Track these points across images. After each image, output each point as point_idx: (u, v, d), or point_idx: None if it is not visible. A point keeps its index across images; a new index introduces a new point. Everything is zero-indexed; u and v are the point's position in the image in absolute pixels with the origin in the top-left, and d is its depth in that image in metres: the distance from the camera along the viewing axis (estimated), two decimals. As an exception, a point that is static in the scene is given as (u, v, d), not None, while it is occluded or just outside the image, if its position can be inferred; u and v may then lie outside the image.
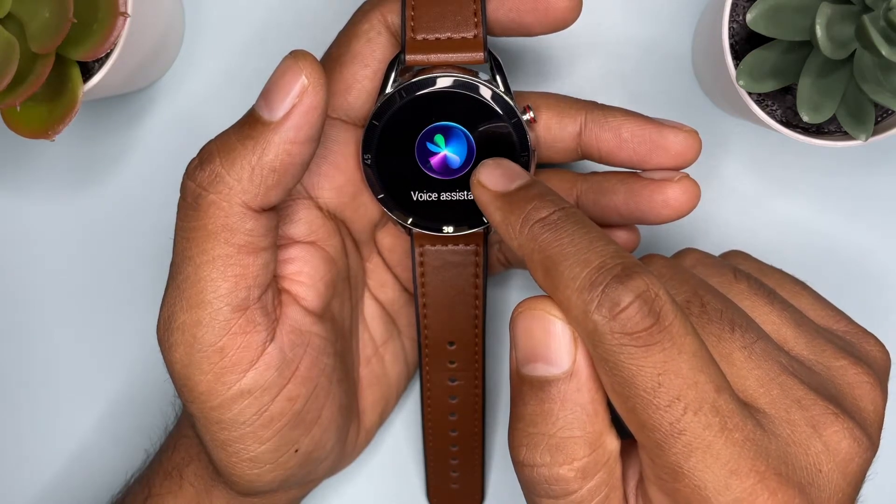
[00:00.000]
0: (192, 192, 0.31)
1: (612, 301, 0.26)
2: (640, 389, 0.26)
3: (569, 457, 0.27)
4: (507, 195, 0.30)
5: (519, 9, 0.33)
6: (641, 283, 0.26)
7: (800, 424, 0.27)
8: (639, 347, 0.26)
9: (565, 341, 0.27)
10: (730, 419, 0.26)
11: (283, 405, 0.33)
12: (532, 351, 0.27)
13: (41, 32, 0.34)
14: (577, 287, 0.26)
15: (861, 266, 0.42)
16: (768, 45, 0.35)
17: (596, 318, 0.26)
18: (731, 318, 0.29)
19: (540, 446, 0.27)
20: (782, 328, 0.30)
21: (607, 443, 0.28)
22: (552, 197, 0.29)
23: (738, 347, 0.28)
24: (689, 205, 0.34)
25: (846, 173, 0.42)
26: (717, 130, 0.42)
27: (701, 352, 0.26)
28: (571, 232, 0.27)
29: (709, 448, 0.26)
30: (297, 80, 0.30)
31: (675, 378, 0.26)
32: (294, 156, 0.31)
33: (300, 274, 0.34)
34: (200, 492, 0.37)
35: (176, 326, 0.31)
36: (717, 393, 0.26)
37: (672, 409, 0.26)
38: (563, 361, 0.27)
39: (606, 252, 0.26)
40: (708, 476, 0.26)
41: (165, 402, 0.43)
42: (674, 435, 0.26)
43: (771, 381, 0.28)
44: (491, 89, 0.33)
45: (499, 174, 0.30)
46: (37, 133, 0.35)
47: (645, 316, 0.25)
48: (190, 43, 0.43)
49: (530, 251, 0.28)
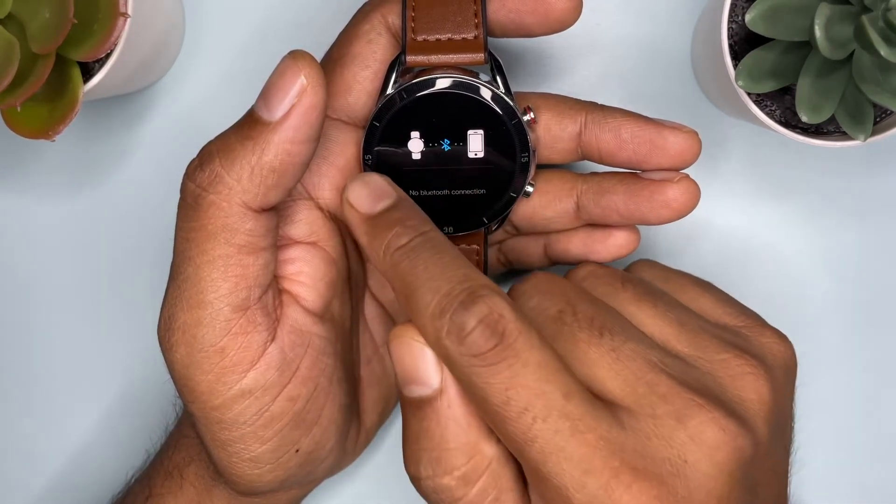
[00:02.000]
0: (192, 193, 0.31)
1: (458, 326, 0.28)
2: (493, 404, 0.28)
3: (449, 467, 0.29)
4: (373, 219, 0.31)
5: (519, 10, 0.33)
6: (484, 307, 0.27)
7: (663, 418, 0.28)
8: (486, 367, 0.27)
9: (431, 363, 0.29)
10: (581, 421, 0.27)
11: (284, 405, 0.33)
12: (405, 374, 0.29)
13: (41, 33, 0.34)
14: (430, 315, 0.28)
15: (861, 266, 0.43)
16: (767, 46, 0.36)
17: (446, 343, 0.28)
18: (601, 323, 0.30)
19: (423, 461, 0.30)
20: (665, 328, 0.31)
21: (485, 450, 0.29)
22: (413, 221, 0.30)
23: (606, 351, 0.29)
24: (689, 205, 0.34)
25: (845, 173, 0.42)
26: (717, 131, 0.42)
27: (548, 363, 0.28)
28: (426, 258, 0.29)
29: (561, 451, 0.27)
30: (295, 81, 0.30)
31: (521, 391, 0.27)
32: (293, 155, 0.31)
33: (301, 274, 0.34)
34: (201, 491, 0.37)
35: (177, 326, 0.31)
36: (566, 399, 0.28)
37: (522, 420, 0.27)
38: (432, 381, 0.29)
39: (455, 277, 0.28)
40: (565, 477, 0.27)
41: (166, 402, 0.43)
42: (527, 443, 0.27)
43: (637, 380, 0.29)
44: (491, 90, 0.33)
45: (365, 194, 0.32)
46: (37, 133, 0.36)
47: (488, 338, 0.27)
48: (190, 43, 0.43)
49: (392, 278, 0.30)
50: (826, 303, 0.43)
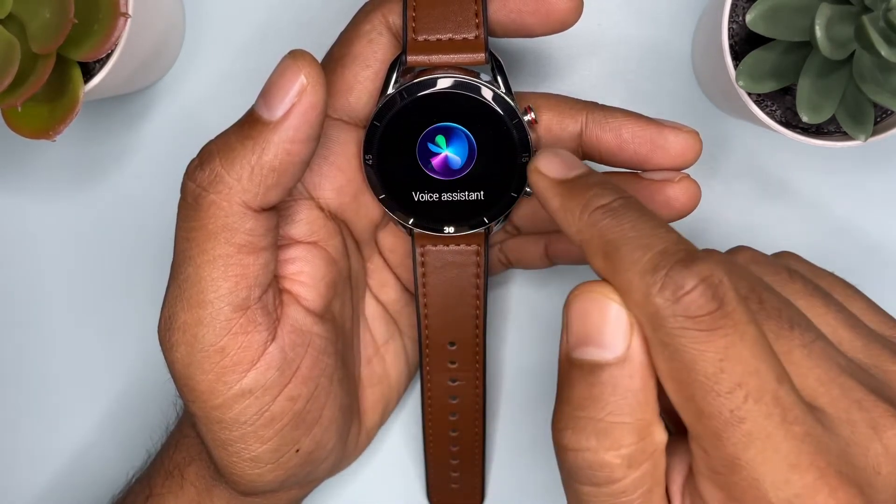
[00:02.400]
0: (193, 193, 0.31)
1: (675, 284, 0.25)
2: (701, 375, 0.25)
3: (616, 443, 0.26)
4: (567, 182, 0.29)
5: (520, 10, 0.33)
6: (705, 268, 0.25)
7: (860, 425, 0.27)
8: (701, 332, 0.25)
9: (621, 325, 0.26)
10: (790, 411, 0.25)
11: (284, 405, 0.33)
12: (585, 334, 0.27)
13: (42, 33, 0.34)
14: (640, 270, 0.26)
15: (861, 266, 0.43)
16: (768, 46, 0.36)
17: (658, 300, 0.25)
18: (789, 316, 0.28)
19: (586, 430, 0.26)
20: (838, 330, 0.30)
21: (655, 434, 0.27)
22: (612, 185, 0.28)
23: (797, 346, 0.27)
24: (689, 205, 0.34)
25: (845, 173, 0.42)
26: (717, 131, 0.42)
27: (763, 341, 0.26)
28: (633, 218, 0.27)
29: (769, 439, 0.25)
30: (295, 80, 0.30)
31: (736, 365, 0.25)
32: (293, 155, 0.31)
33: (301, 274, 0.34)
34: (201, 491, 0.37)
35: (177, 326, 0.31)
36: (779, 383, 0.25)
37: (733, 396, 0.25)
38: (617, 346, 0.26)
39: (669, 238, 0.26)
40: (767, 468, 0.25)
41: (167, 401, 0.43)
42: (733, 423, 0.25)
43: (831, 381, 0.27)
44: (492, 90, 0.33)
45: (558, 162, 0.30)
46: (38, 133, 0.36)
47: (709, 300, 0.25)
48: (190, 43, 0.43)
49: (590, 236, 0.27)
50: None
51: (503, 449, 0.44)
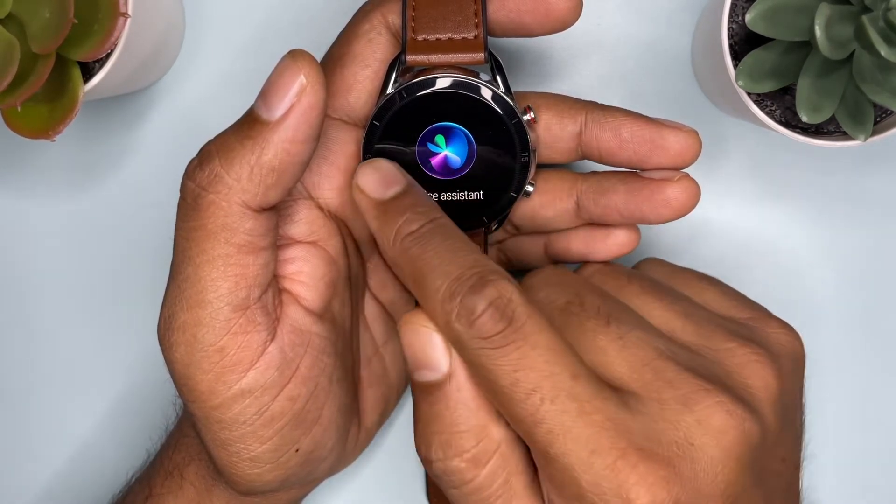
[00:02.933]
0: (192, 193, 0.31)
1: (467, 310, 0.28)
2: (502, 386, 0.28)
3: (459, 449, 0.29)
4: (383, 204, 0.31)
5: (519, 10, 0.33)
6: (493, 291, 0.28)
7: (670, 402, 0.29)
8: (494, 349, 0.28)
9: (440, 348, 0.29)
10: (588, 403, 0.28)
11: (284, 405, 0.33)
12: (415, 359, 0.30)
13: (42, 33, 0.34)
14: (440, 298, 0.29)
15: (860, 266, 0.43)
16: (767, 46, 0.36)
17: (456, 326, 0.28)
18: (607, 312, 0.31)
19: (434, 443, 0.30)
20: (671, 320, 0.32)
21: (493, 433, 0.29)
22: (423, 208, 0.31)
23: (613, 338, 0.30)
24: (689, 204, 0.34)
25: (845, 173, 0.42)
26: (717, 130, 0.42)
27: (556, 346, 0.28)
28: (436, 244, 0.30)
29: (569, 432, 0.28)
30: (295, 80, 0.30)
31: (530, 372, 0.28)
32: (293, 155, 0.31)
33: (301, 274, 0.34)
34: (201, 491, 0.37)
35: (176, 326, 0.31)
36: (574, 380, 0.28)
37: (530, 401, 0.28)
38: (441, 366, 0.29)
39: (465, 263, 0.29)
40: (573, 458, 0.28)
41: (166, 401, 0.43)
42: (535, 424, 0.28)
43: (644, 367, 0.30)
44: (491, 90, 0.33)
45: (376, 179, 0.32)
46: (37, 133, 0.36)
47: (497, 321, 0.28)
48: (190, 43, 0.43)
49: (402, 264, 0.30)
50: (826, 302, 0.43)
51: (503, 449, 0.44)
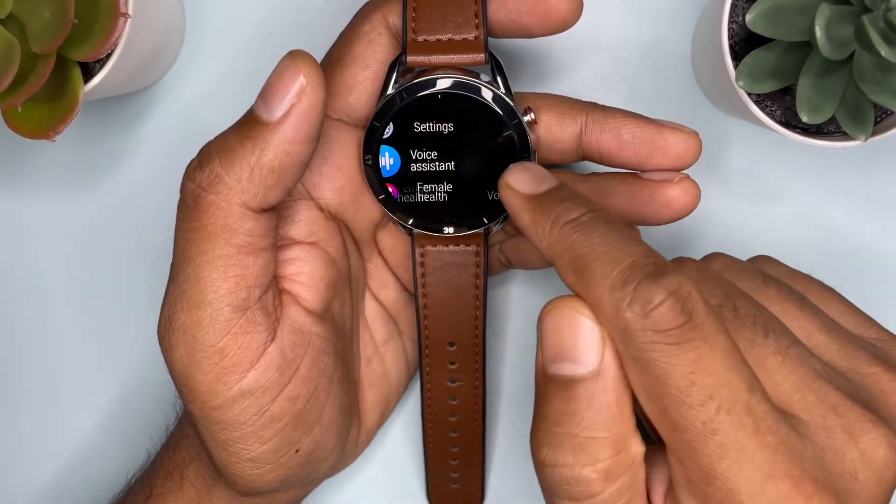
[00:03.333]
0: (192, 193, 0.31)
1: (644, 299, 0.25)
2: (672, 388, 0.25)
3: (592, 458, 0.26)
4: (537, 197, 0.29)
5: (520, 10, 0.33)
6: (673, 282, 0.25)
7: (836, 431, 0.27)
8: (671, 345, 0.25)
9: (594, 340, 0.26)
10: (763, 421, 0.25)
11: (284, 405, 0.33)
12: (559, 349, 0.27)
13: (42, 33, 0.34)
14: (609, 285, 0.26)
15: (860, 266, 0.43)
16: (768, 46, 0.36)
17: (627, 315, 0.25)
18: (764, 322, 0.28)
19: (563, 446, 0.27)
20: (814, 334, 0.30)
21: (632, 446, 0.27)
22: (582, 199, 0.29)
23: (771, 353, 0.28)
24: (689, 205, 0.34)
25: (845, 174, 0.42)
26: (717, 131, 0.42)
27: (733, 351, 0.26)
28: (602, 232, 0.27)
29: (742, 449, 0.25)
30: (295, 81, 0.30)
31: (707, 377, 0.25)
32: (293, 155, 0.31)
33: (301, 274, 0.34)
34: (201, 492, 0.37)
35: (177, 327, 0.31)
36: (750, 393, 0.25)
37: (705, 409, 0.25)
38: (590, 361, 0.26)
39: (638, 252, 0.26)
40: (741, 479, 0.25)
41: (166, 401, 0.43)
42: (706, 435, 0.25)
43: (806, 387, 0.27)
44: (492, 91, 0.33)
45: (528, 177, 0.30)
46: (38, 133, 0.36)
47: (677, 314, 0.25)
48: (190, 43, 0.43)
49: (560, 251, 0.28)
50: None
51: (503, 449, 0.44)
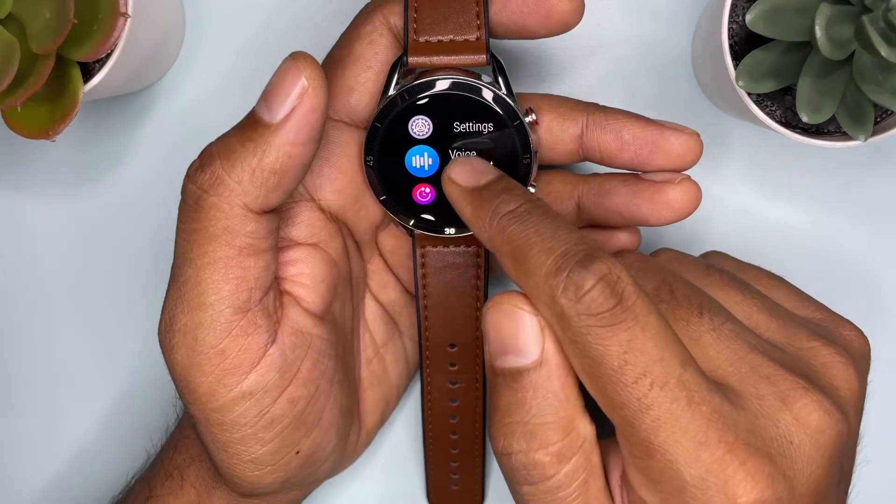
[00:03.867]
0: (193, 194, 0.31)
1: (576, 284, 0.26)
2: (608, 368, 0.27)
3: (543, 442, 0.28)
4: (477, 190, 0.31)
5: (521, 11, 0.33)
6: (603, 267, 0.27)
7: (769, 399, 0.28)
8: (603, 327, 0.26)
9: (533, 332, 0.28)
10: (696, 393, 0.27)
11: (285, 407, 0.33)
12: (502, 343, 0.28)
13: (42, 33, 0.34)
14: (544, 273, 0.27)
15: (860, 266, 0.43)
16: (768, 46, 0.36)
17: (562, 301, 0.27)
18: (699, 302, 0.30)
19: (515, 434, 0.28)
20: (754, 315, 0.31)
21: (580, 427, 0.28)
22: (519, 190, 0.30)
23: (706, 330, 0.29)
24: (690, 206, 0.34)
25: (845, 174, 0.42)
26: (717, 131, 0.42)
27: (664, 330, 0.27)
28: (537, 222, 0.28)
29: (677, 421, 0.26)
30: (296, 82, 0.30)
31: (640, 355, 0.26)
32: (295, 157, 0.31)
33: (301, 276, 0.34)
34: (201, 493, 0.37)
35: (177, 328, 0.31)
36: (683, 367, 0.27)
37: (639, 385, 0.26)
38: (531, 351, 0.28)
39: (570, 239, 0.27)
40: (678, 449, 0.26)
41: (167, 403, 0.43)
42: (642, 410, 0.26)
43: (739, 360, 0.29)
44: (493, 91, 0.33)
45: (468, 170, 0.32)
46: (37, 133, 0.35)
47: (608, 297, 0.26)
48: (190, 44, 0.43)
49: (499, 243, 0.29)
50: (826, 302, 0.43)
51: (503, 449, 0.44)
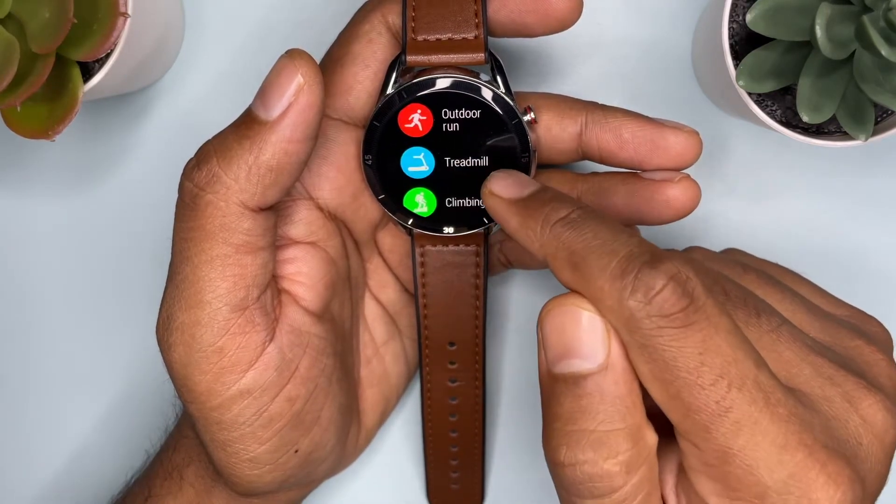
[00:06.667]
0: (190, 193, 0.31)
1: (645, 286, 0.25)
2: (683, 371, 0.25)
3: (613, 451, 0.26)
4: (523, 201, 0.29)
5: (520, 10, 0.33)
6: (672, 267, 0.26)
7: (836, 400, 0.27)
8: (677, 329, 0.25)
9: (598, 333, 0.27)
10: (772, 395, 0.26)
11: (283, 405, 0.33)
12: (564, 347, 0.27)
13: (41, 32, 0.34)
14: (609, 276, 0.26)
15: (860, 266, 0.43)
16: (768, 46, 0.35)
17: (631, 303, 0.26)
18: (754, 304, 0.29)
19: (581, 443, 0.27)
20: (796, 314, 0.31)
21: (647, 436, 0.27)
22: (568, 198, 0.29)
23: (766, 331, 0.28)
24: (689, 205, 0.34)
25: (846, 173, 0.42)
26: (717, 130, 0.42)
27: (736, 330, 0.26)
28: (594, 227, 0.27)
29: (757, 424, 0.25)
30: (293, 79, 0.30)
31: (716, 356, 0.25)
32: (291, 155, 0.31)
33: (300, 274, 0.34)
34: (200, 492, 0.37)
35: (175, 326, 0.31)
36: (758, 369, 0.26)
37: (717, 388, 0.25)
38: (597, 354, 0.27)
39: (632, 242, 0.27)
40: (759, 454, 0.25)
41: (165, 402, 0.43)
42: (720, 414, 0.25)
43: (802, 362, 0.28)
44: (492, 90, 0.33)
45: (510, 182, 0.30)
46: (37, 133, 0.35)
47: (680, 297, 0.25)
48: (190, 43, 0.43)
49: (554, 250, 0.28)
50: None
51: (503, 449, 0.44)
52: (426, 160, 0.34)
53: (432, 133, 0.34)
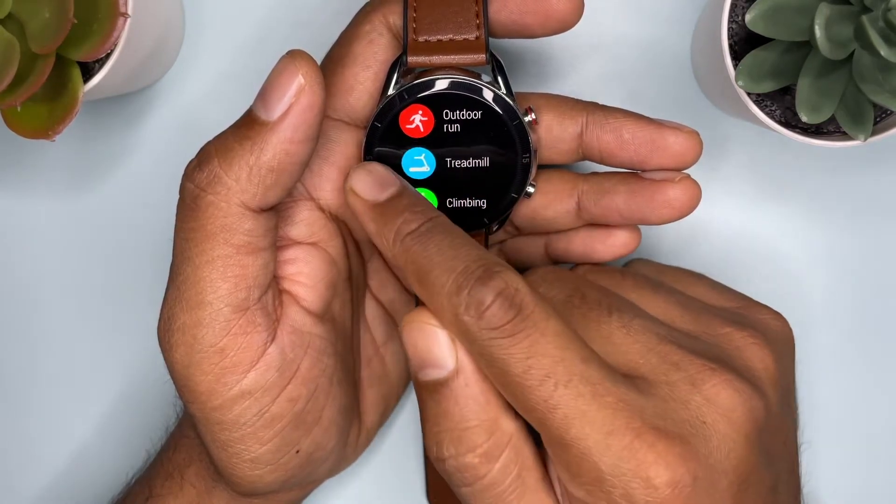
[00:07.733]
0: (191, 193, 0.31)
1: (476, 301, 0.28)
2: (514, 375, 0.28)
3: (471, 445, 0.29)
4: (380, 206, 0.32)
5: (521, 11, 0.33)
6: (500, 282, 0.28)
7: (678, 384, 0.29)
8: (505, 338, 0.28)
9: (445, 344, 0.29)
10: (600, 385, 0.28)
11: (284, 406, 0.33)
12: (420, 358, 0.30)
13: (41, 33, 0.34)
14: (446, 293, 0.29)
15: (860, 266, 0.43)
16: (767, 46, 0.36)
17: (465, 319, 0.28)
18: (608, 304, 0.32)
19: (444, 441, 0.30)
20: (668, 310, 0.33)
21: (504, 425, 0.30)
22: (421, 207, 0.31)
23: (616, 327, 0.31)
24: (689, 205, 0.34)
25: (845, 173, 0.42)
26: (717, 131, 0.42)
27: (565, 331, 0.29)
28: (438, 241, 0.30)
29: (584, 415, 0.28)
30: (293, 80, 0.30)
31: (542, 358, 0.28)
32: (292, 155, 0.31)
33: (301, 275, 0.34)
34: (201, 492, 0.37)
35: (176, 327, 0.31)
36: (585, 364, 0.28)
37: (544, 387, 0.28)
38: (447, 362, 0.29)
39: (469, 257, 0.29)
40: (589, 442, 0.28)
41: (166, 402, 0.43)
42: (550, 410, 0.28)
43: (649, 351, 0.30)
44: (493, 91, 0.33)
45: (370, 182, 0.32)
46: (37, 133, 0.35)
47: (506, 310, 0.28)
48: (190, 43, 0.43)
49: (404, 263, 0.30)
50: (825, 302, 0.43)
51: (503, 449, 0.44)
52: (427, 161, 0.34)
53: (433, 134, 0.34)
